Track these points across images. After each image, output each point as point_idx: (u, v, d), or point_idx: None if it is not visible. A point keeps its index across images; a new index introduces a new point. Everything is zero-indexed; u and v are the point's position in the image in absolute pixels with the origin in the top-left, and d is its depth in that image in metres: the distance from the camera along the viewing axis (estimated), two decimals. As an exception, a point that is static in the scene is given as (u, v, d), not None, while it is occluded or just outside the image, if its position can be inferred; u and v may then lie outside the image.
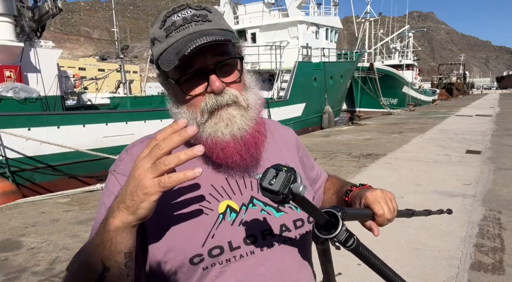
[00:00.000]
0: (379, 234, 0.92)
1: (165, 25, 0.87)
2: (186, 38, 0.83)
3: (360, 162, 7.95)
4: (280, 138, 1.10)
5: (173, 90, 0.92)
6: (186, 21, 0.85)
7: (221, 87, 0.85)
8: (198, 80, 0.86)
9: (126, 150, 0.96)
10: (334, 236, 0.74)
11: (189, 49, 0.78)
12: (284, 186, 0.62)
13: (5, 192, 6.42)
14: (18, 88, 8.04)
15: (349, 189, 1.07)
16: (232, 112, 0.87)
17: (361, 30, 34.05)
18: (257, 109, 0.93)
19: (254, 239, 0.88)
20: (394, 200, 0.98)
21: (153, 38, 0.90)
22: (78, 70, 46.88)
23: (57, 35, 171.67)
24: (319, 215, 0.73)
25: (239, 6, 19.34)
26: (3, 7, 8.58)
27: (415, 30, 76.31)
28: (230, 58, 0.88)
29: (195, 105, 0.87)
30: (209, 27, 0.85)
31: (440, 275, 3.14)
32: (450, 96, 56.96)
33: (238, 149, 0.87)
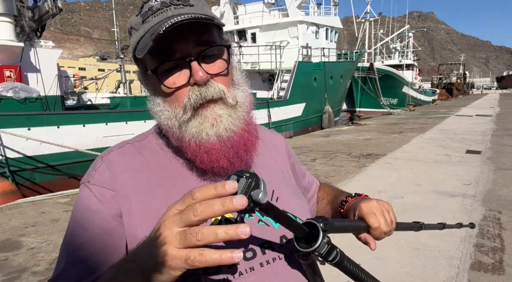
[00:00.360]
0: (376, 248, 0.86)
1: (142, 11, 0.79)
2: (163, 21, 0.73)
3: (360, 162, 7.95)
4: (270, 144, 1.01)
5: (152, 84, 0.82)
6: (164, 5, 0.76)
7: (205, 78, 0.75)
8: (179, 70, 0.76)
9: (101, 157, 0.84)
10: (313, 250, 0.66)
11: (164, 27, 0.70)
12: (243, 193, 0.54)
13: (5, 192, 6.41)
14: (18, 88, 8.04)
15: (344, 199, 0.99)
16: (218, 111, 0.77)
17: (361, 30, 34.05)
18: (247, 109, 0.83)
19: (253, 254, 0.78)
20: (392, 211, 0.90)
21: (130, 27, 0.82)
22: (78, 70, 46.88)
23: (57, 35, 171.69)
24: (297, 226, 0.65)
25: (239, 6, 19.34)
26: (3, 7, 8.57)
27: (415, 30, 76.34)
28: (216, 46, 0.78)
29: (177, 100, 0.78)
30: (190, 11, 0.76)
31: (440, 275, 3.14)
32: (450, 96, 56.96)
33: (225, 152, 0.77)
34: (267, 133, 1.05)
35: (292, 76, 15.52)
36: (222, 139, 0.77)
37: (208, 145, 0.76)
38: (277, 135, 1.10)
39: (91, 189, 0.79)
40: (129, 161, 0.82)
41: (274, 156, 1.00)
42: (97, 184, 0.79)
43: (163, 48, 0.74)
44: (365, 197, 0.98)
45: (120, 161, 0.82)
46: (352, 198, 0.98)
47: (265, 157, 0.95)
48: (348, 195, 1.00)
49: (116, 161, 0.82)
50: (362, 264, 0.83)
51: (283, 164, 1.01)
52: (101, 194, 0.77)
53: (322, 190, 1.17)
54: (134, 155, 0.84)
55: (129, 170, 0.81)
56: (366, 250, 0.84)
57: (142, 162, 0.83)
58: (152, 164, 0.83)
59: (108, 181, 0.79)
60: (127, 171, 0.80)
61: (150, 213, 0.75)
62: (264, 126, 1.07)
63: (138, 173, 0.81)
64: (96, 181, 0.79)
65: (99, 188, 0.78)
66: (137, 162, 0.83)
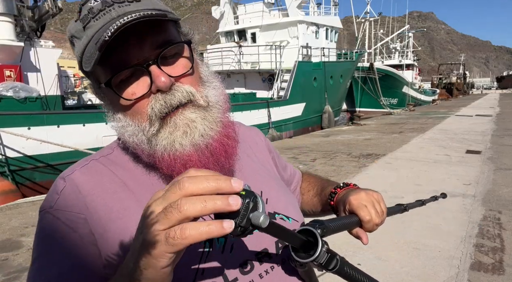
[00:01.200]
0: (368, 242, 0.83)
1: (81, 15, 0.67)
2: (108, 24, 0.63)
3: (360, 162, 7.95)
4: (250, 140, 0.94)
5: (109, 98, 0.70)
6: (106, 4, 0.65)
7: (168, 82, 0.65)
8: (137, 78, 0.66)
9: (63, 178, 0.71)
10: (313, 260, 0.64)
11: (109, 33, 0.59)
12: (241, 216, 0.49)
13: (5, 191, 6.42)
14: (18, 88, 8.03)
15: (333, 191, 0.94)
16: (190, 115, 0.67)
17: (361, 30, 34.06)
18: (221, 108, 0.73)
19: (251, 266, 0.72)
20: (382, 201, 0.86)
21: (70, 36, 0.70)
22: (78, 70, 46.85)
23: (57, 35, 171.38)
24: (294, 237, 0.62)
25: (239, 6, 19.35)
26: (3, 6, 8.57)
27: (415, 30, 76.40)
28: (174, 43, 0.68)
29: (139, 113, 0.67)
30: (138, 8, 0.65)
31: (440, 275, 3.14)
32: (450, 96, 56.95)
33: (205, 162, 0.68)
34: (245, 130, 0.97)
35: (292, 76, 15.52)
36: (200, 148, 0.68)
37: (185, 157, 0.67)
38: (255, 130, 1.03)
39: (57, 215, 0.67)
40: (96, 179, 0.71)
41: (256, 152, 0.94)
42: (62, 209, 0.67)
43: (114, 55, 0.64)
44: (354, 186, 0.94)
45: (86, 181, 0.70)
46: (341, 188, 0.94)
47: (248, 156, 0.89)
48: (337, 186, 0.95)
49: (81, 181, 0.70)
50: (362, 264, 0.83)
51: (266, 159, 0.95)
52: (70, 220, 0.66)
53: (306, 181, 1.11)
54: (101, 172, 0.73)
55: (98, 190, 0.69)
56: (366, 250, 0.84)
57: (113, 179, 0.72)
58: (125, 181, 0.72)
59: (75, 205, 0.67)
60: (96, 191, 0.69)
61: (128, 234, 0.64)
62: (240, 122, 0.95)
63: (109, 192, 0.70)
64: (61, 205, 0.68)
65: (66, 213, 0.67)
66: (106, 180, 0.71)
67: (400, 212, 0.99)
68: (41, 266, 0.66)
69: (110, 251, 0.66)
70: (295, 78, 15.53)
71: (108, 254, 0.66)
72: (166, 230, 0.45)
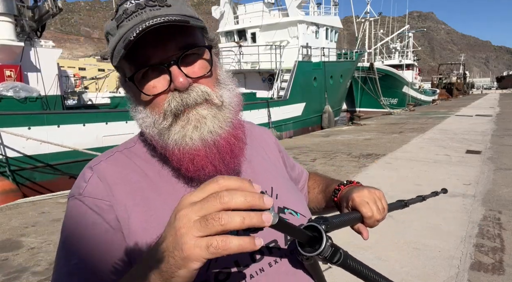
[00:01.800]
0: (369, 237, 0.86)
1: (117, 15, 0.74)
2: (137, 25, 0.68)
3: (360, 162, 7.95)
4: (260, 139, 0.99)
5: (132, 91, 0.77)
6: (139, 7, 0.71)
7: (186, 83, 0.71)
8: (158, 75, 0.72)
9: (91, 167, 0.78)
10: (318, 254, 0.67)
11: (135, 33, 0.65)
12: None
13: (5, 191, 6.42)
14: (19, 88, 8.04)
15: (336, 188, 0.98)
16: (202, 112, 0.72)
17: (361, 30, 34.05)
18: (234, 109, 0.78)
19: (261, 254, 0.76)
20: (384, 198, 0.90)
21: (106, 33, 0.77)
22: (78, 70, 46.89)
23: (57, 35, 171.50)
24: (300, 233, 0.65)
25: (239, 6, 19.34)
26: (3, 6, 8.57)
27: (415, 30, 76.34)
28: (195, 47, 0.73)
29: (157, 106, 0.73)
30: (167, 12, 0.71)
31: (440, 275, 3.14)
32: (450, 96, 56.96)
33: (211, 158, 0.72)
34: (256, 129, 1.03)
35: (292, 76, 15.52)
36: (207, 143, 0.72)
37: (193, 152, 0.72)
38: (265, 129, 1.08)
39: (85, 202, 0.73)
40: (121, 170, 0.77)
41: (267, 152, 0.98)
42: (90, 196, 0.73)
43: (139, 54, 0.70)
44: (357, 184, 0.98)
45: (112, 171, 0.77)
46: (345, 185, 0.98)
47: (259, 155, 0.94)
48: (340, 183, 1.00)
49: (107, 171, 0.77)
50: (362, 264, 0.83)
51: (276, 159, 1.00)
52: (97, 206, 0.72)
53: (312, 179, 1.16)
54: (125, 163, 0.79)
55: (123, 180, 0.76)
56: (366, 250, 0.84)
57: (136, 170, 0.78)
58: (146, 172, 0.78)
59: (102, 192, 0.73)
60: (121, 181, 0.76)
61: (150, 222, 0.71)
62: (251, 122, 1.03)
63: (132, 182, 0.76)
64: (89, 193, 0.73)
65: (93, 199, 0.72)
66: (129, 171, 0.78)
67: (401, 208, 1.01)
68: (67, 251, 0.72)
69: (133, 237, 0.71)
70: (295, 78, 15.53)
71: (132, 239, 0.71)
72: (207, 238, 0.49)
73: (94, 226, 0.71)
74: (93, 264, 0.69)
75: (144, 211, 0.73)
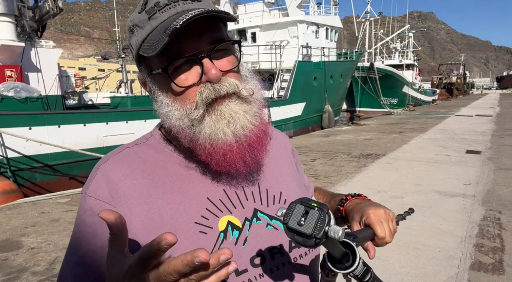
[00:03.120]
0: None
1: (147, 7, 0.74)
2: (174, 16, 0.70)
3: (360, 162, 7.95)
4: (277, 142, 0.98)
5: (160, 84, 0.76)
6: (172, 0, 0.72)
7: (219, 75, 0.71)
8: (190, 67, 0.72)
9: (98, 166, 0.79)
10: (351, 271, 0.65)
11: (181, 21, 0.65)
12: (318, 228, 0.51)
13: (6, 191, 6.42)
14: (19, 88, 8.05)
15: (344, 198, 0.96)
16: (234, 107, 0.73)
17: (361, 30, 34.06)
18: (260, 104, 0.79)
19: (262, 260, 0.76)
20: (395, 221, 0.89)
21: (132, 25, 0.76)
22: (78, 70, 46.89)
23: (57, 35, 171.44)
24: (338, 248, 0.63)
25: (239, 5, 19.36)
26: (4, 7, 8.58)
27: (415, 30, 76.27)
28: (227, 41, 0.75)
29: (188, 98, 0.73)
30: (199, 6, 0.72)
31: (440, 275, 3.15)
32: (450, 96, 56.99)
33: (242, 154, 0.73)
34: (274, 131, 1.01)
35: (292, 75, 15.53)
36: (240, 139, 0.72)
37: (226, 147, 0.72)
38: (281, 133, 1.07)
39: (87, 201, 0.74)
40: (127, 168, 0.77)
41: (282, 155, 0.97)
42: (92, 196, 0.74)
43: (172, 46, 0.69)
44: (364, 197, 0.96)
45: (118, 169, 0.77)
46: (353, 197, 0.96)
47: (274, 157, 0.92)
48: (348, 194, 0.98)
49: (113, 169, 0.77)
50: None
51: (290, 162, 0.99)
52: (97, 207, 0.73)
53: (317, 192, 1.16)
54: (133, 160, 0.79)
55: (128, 178, 0.76)
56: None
57: (142, 168, 0.78)
58: (152, 169, 0.78)
59: (104, 193, 0.74)
60: (126, 178, 0.76)
61: (152, 221, 0.72)
62: None
63: (137, 179, 0.76)
64: (92, 192, 0.75)
65: (94, 200, 0.74)
66: (136, 168, 0.78)
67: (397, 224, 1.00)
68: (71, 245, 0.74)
69: (133, 237, 0.69)
70: (295, 78, 15.54)
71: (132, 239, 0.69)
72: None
73: (93, 225, 0.72)
74: (94, 260, 0.70)
75: (146, 210, 0.73)
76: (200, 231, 0.73)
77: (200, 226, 0.73)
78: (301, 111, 16.18)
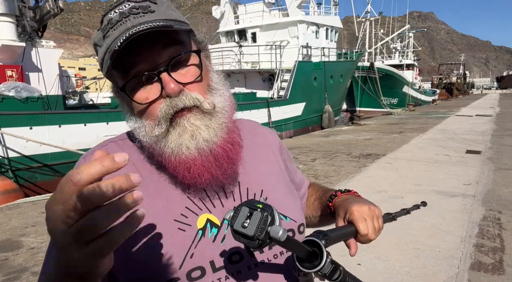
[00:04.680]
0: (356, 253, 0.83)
1: (102, 25, 0.73)
2: (123, 34, 0.67)
3: (360, 162, 7.95)
4: (261, 139, 0.97)
5: (125, 100, 0.76)
6: (123, 16, 0.70)
7: (177, 89, 0.70)
8: (150, 83, 0.71)
9: (84, 158, 0.79)
10: (318, 270, 0.65)
11: (119, 42, 0.64)
12: (260, 229, 0.51)
13: (7, 190, 6.43)
14: (20, 88, 8.05)
15: (333, 194, 0.96)
16: (195, 122, 0.72)
17: (362, 30, 34.05)
18: (227, 113, 0.77)
19: (240, 257, 0.76)
20: (381, 219, 0.88)
21: (94, 44, 0.76)
22: (78, 70, 46.89)
23: (57, 35, 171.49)
24: (300, 247, 0.63)
25: (240, 6, 19.36)
26: (5, 7, 8.59)
27: (415, 30, 76.29)
28: (183, 53, 0.72)
29: (152, 115, 0.72)
30: (150, 19, 0.69)
31: (440, 275, 3.15)
32: (450, 96, 56.98)
33: (207, 166, 0.72)
34: (260, 129, 1.01)
35: (292, 75, 15.52)
36: (204, 152, 0.72)
37: (189, 161, 0.71)
38: (270, 131, 1.05)
39: None
40: None
41: (267, 151, 0.96)
42: None
43: (128, 62, 0.69)
44: (354, 193, 0.96)
45: None
46: (342, 193, 0.96)
47: (257, 155, 0.91)
48: (338, 190, 0.98)
49: None
50: (362, 264, 0.84)
51: (275, 159, 0.97)
52: None
53: (311, 187, 1.16)
54: None
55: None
56: (366, 250, 0.85)
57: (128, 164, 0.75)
58: (137, 166, 0.78)
59: None
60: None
61: None
62: (255, 121, 1.04)
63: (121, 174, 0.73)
64: None
65: None
66: None
67: (389, 221, 1.00)
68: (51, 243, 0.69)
69: None
70: (295, 78, 15.54)
71: None
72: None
73: None
74: None
75: None
76: (179, 228, 0.73)
77: (179, 223, 0.74)
78: (301, 111, 16.18)
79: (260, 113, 13.70)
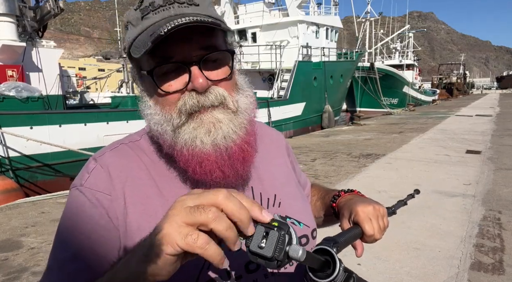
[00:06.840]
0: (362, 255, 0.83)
1: (142, 5, 0.71)
2: (165, 20, 0.67)
3: (360, 162, 7.95)
4: (269, 141, 0.96)
5: (146, 85, 0.75)
6: (167, 2, 0.70)
7: (205, 85, 0.69)
8: (177, 73, 0.70)
9: (95, 159, 0.77)
10: (331, 280, 0.63)
11: (166, 29, 0.63)
12: (278, 250, 0.49)
13: (7, 190, 6.44)
14: (20, 88, 8.06)
15: (336, 194, 0.95)
16: (218, 115, 0.70)
17: (362, 30, 34.01)
18: (249, 116, 0.76)
19: (257, 266, 0.74)
20: (386, 217, 0.88)
21: (127, 21, 0.75)
22: (78, 70, 46.92)
23: (57, 35, 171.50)
24: (315, 260, 0.61)
25: (240, 6, 19.37)
26: (5, 7, 8.59)
27: (415, 30, 76.25)
28: (219, 51, 0.72)
29: (170, 104, 0.71)
30: (195, 11, 0.70)
31: (440, 275, 3.15)
32: (450, 96, 56.97)
33: (220, 164, 0.70)
34: (267, 130, 1.00)
35: (292, 75, 15.53)
36: (219, 149, 0.70)
37: (202, 155, 0.69)
38: (276, 132, 1.06)
39: (85, 193, 0.71)
40: (125, 163, 0.75)
41: (276, 153, 0.96)
42: (91, 188, 0.71)
43: (162, 49, 0.68)
44: (357, 193, 0.96)
45: (116, 163, 0.75)
46: (345, 193, 0.95)
47: (267, 158, 0.90)
48: (341, 190, 0.97)
49: (111, 162, 0.75)
50: (362, 264, 0.84)
51: (284, 161, 0.97)
52: (96, 199, 0.70)
53: (313, 187, 1.16)
54: (130, 156, 0.77)
55: (126, 173, 0.74)
56: (366, 250, 0.84)
57: (139, 166, 0.76)
58: (148, 168, 0.77)
59: (103, 184, 0.72)
60: (124, 174, 0.74)
61: (147, 222, 0.68)
62: (263, 123, 1.02)
63: (135, 177, 0.74)
64: (91, 184, 0.72)
65: (94, 191, 0.71)
66: (134, 165, 0.76)
67: (390, 215, 0.98)
68: (62, 241, 0.71)
69: (128, 235, 0.69)
70: (295, 78, 15.54)
71: (127, 238, 0.69)
72: (191, 228, 0.48)
73: (90, 219, 0.69)
74: (87, 257, 0.68)
75: (142, 210, 0.71)
76: None
77: None
78: (301, 111, 16.18)
79: (260, 113, 13.43)
